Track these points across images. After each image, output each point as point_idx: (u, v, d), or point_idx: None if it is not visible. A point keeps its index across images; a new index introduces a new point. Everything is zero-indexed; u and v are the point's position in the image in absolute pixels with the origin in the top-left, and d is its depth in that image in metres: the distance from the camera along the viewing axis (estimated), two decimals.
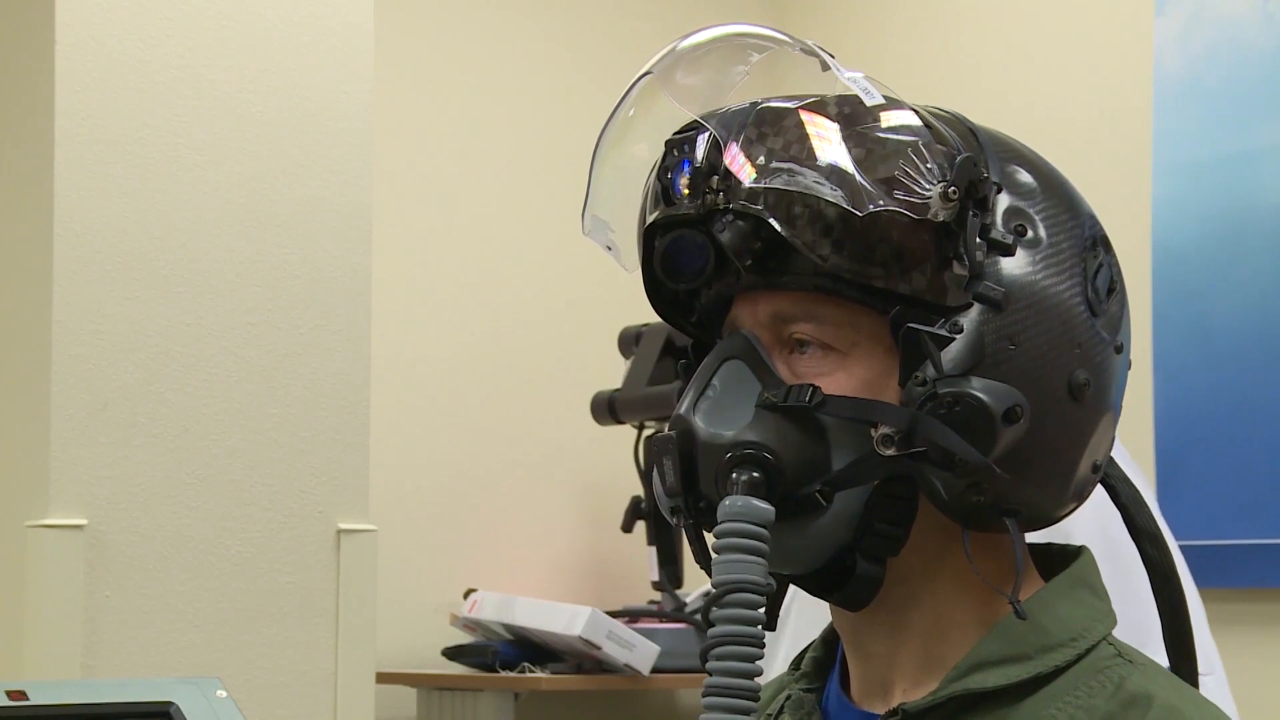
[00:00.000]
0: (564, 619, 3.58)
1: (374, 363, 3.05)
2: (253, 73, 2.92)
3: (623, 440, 3.87)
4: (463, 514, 4.02)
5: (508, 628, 3.72)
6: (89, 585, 2.73)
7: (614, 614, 3.63)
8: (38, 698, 1.37)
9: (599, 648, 3.55)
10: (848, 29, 4.31)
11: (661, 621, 3.71)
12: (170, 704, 1.42)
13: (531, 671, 3.64)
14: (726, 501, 1.10)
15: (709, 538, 1.17)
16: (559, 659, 3.67)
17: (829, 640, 1.28)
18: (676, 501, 1.16)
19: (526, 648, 3.69)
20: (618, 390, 3.79)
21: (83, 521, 2.73)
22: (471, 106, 4.08)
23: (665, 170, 1.18)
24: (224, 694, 1.46)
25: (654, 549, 3.81)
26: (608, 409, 3.80)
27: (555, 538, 4.08)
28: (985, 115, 3.86)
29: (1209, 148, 3.51)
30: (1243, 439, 3.40)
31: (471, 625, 3.83)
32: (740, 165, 1.14)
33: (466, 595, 3.86)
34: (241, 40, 2.91)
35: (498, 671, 3.68)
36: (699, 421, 1.14)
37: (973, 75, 3.99)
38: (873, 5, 4.29)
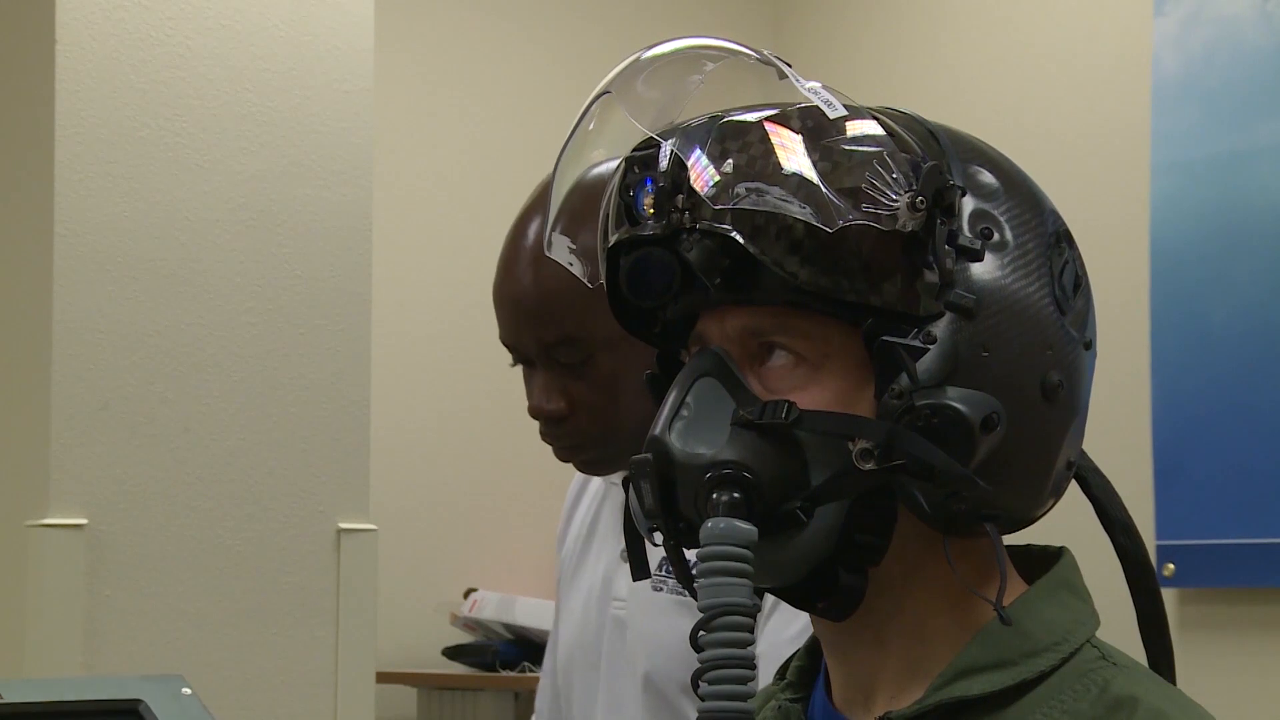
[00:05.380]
0: None
1: (374, 363, 3.05)
2: (253, 73, 2.92)
3: None
4: (463, 514, 4.02)
5: (508, 627, 3.72)
6: (89, 585, 2.73)
7: None
8: (6, 695, 1.37)
9: None
10: (848, 27, 4.31)
11: None
12: (139, 702, 1.43)
13: (531, 671, 3.64)
14: (709, 524, 1.09)
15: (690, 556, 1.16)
16: None
17: (813, 649, 1.27)
18: (656, 523, 1.15)
19: (526, 647, 3.70)
20: None
21: (83, 521, 2.73)
22: (472, 106, 4.09)
23: (627, 188, 1.16)
24: (189, 691, 1.47)
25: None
26: None
27: (555, 538, 4.08)
28: (984, 116, 3.86)
29: (1207, 147, 3.51)
30: (1241, 438, 3.40)
31: (471, 625, 3.83)
32: (705, 183, 1.12)
33: (466, 595, 3.87)
34: (241, 40, 2.92)
35: (498, 671, 3.68)
36: (675, 442, 1.14)
37: (972, 75, 4.00)
38: (872, 6, 4.29)
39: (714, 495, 1.11)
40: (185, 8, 2.87)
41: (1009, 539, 1.20)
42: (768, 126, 1.13)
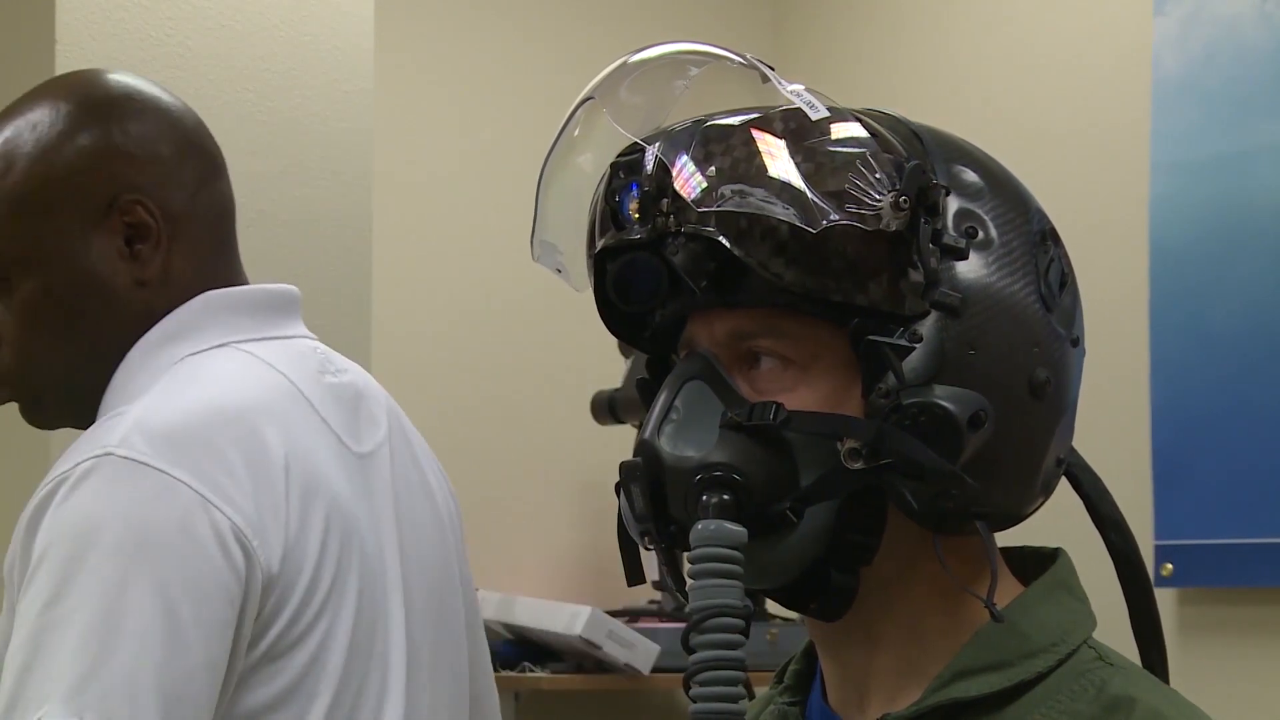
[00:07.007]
0: (564, 619, 3.58)
1: (374, 362, 3.05)
2: (253, 73, 2.92)
3: (623, 440, 3.88)
4: (463, 514, 4.02)
5: (508, 627, 3.72)
6: None
7: (614, 613, 3.63)
8: None
9: (599, 647, 3.55)
10: (848, 28, 4.31)
11: (662, 621, 3.72)
12: None
13: (531, 671, 3.64)
14: (699, 526, 1.10)
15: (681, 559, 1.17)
16: (559, 659, 3.67)
17: (810, 652, 1.28)
18: (647, 526, 1.16)
19: (526, 647, 3.70)
20: (618, 390, 3.80)
21: None
22: (472, 106, 4.09)
23: (613, 193, 1.17)
24: None
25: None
26: (608, 409, 3.80)
27: (555, 538, 4.09)
28: (984, 116, 3.86)
29: (1207, 147, 3.51)
30: (1240, 438, 3.40)
31: None
32: (689, 186, 1.14)
33: None
34: (241, 40, 2.92)
35: (498, 671, 3.68)
36: (664, 445, 1.15)
37: (972, 75, 4.00)
38: (873, 6, 4.29)
39: (703, 497, 1.12)
40: (185, 8, 2.87)
41: (1003, 541, 1.20)
42: (751, 130, 1.14)
